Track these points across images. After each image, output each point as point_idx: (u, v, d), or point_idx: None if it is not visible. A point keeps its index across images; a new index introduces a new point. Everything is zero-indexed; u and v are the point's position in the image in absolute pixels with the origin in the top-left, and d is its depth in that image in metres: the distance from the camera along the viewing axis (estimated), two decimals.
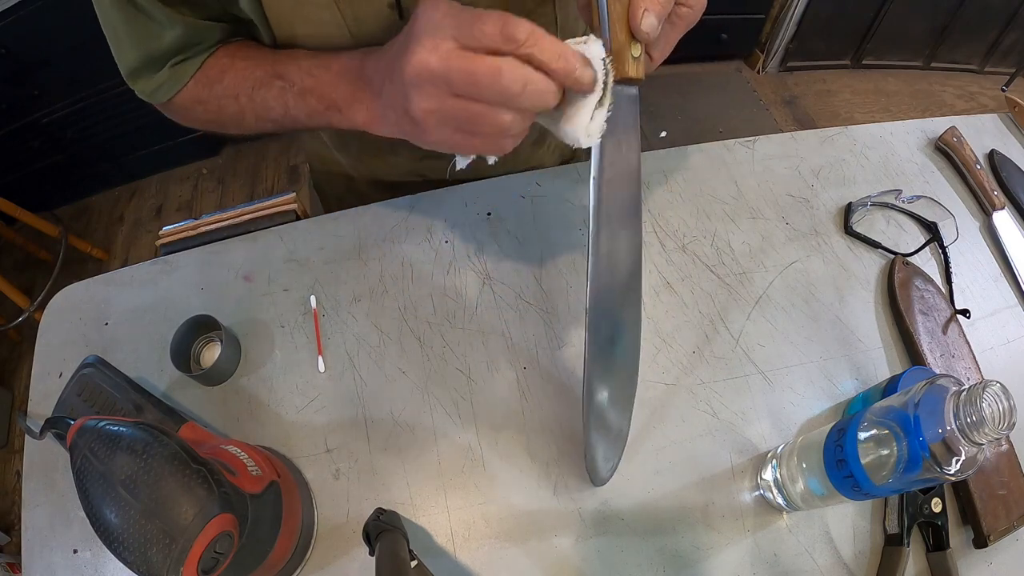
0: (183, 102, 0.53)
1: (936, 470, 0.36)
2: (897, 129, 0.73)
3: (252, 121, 0.51)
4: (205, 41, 0.50)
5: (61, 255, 1.62)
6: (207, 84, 0.51)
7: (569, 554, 0.49)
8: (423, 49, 0.34)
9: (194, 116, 0.54)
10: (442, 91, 0.35)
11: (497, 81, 0.33)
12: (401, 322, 0.58)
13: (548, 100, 0.34)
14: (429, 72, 0.34)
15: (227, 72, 0.50)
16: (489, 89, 0.33)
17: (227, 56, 0.51)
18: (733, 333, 0.58)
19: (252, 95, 0.49)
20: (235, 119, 0.52)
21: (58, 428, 0.40)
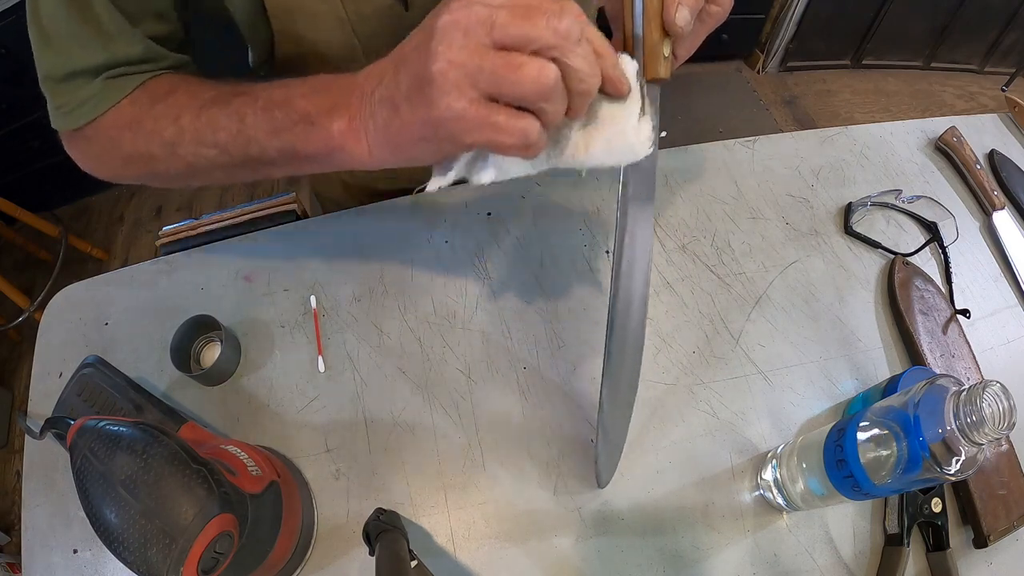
0: (105, 127, 0.45)
1: (936, 470, 0.36)
2: (897, 129, 0.73)
3: (188, 149, 0.42)
4: (155, 62, 0.45)
5: (61, 255, 1.62)
6: (147, 103, 0.44)
7: (569, 554, 0.49)
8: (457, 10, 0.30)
9: (112, 147, 0.46)
10: (475, 48, 0.29)
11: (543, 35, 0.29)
12: (401, 322, 0.58)
13: (593, 84, 0.31)
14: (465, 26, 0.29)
15: (176, 91, 0.43)
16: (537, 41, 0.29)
17: (180, 78, 0.45)
18: (733, 333, 0.58)
19: (199, 113, 0.41)
20: (166, 148, 0.43)
21: (58, 428, 0.40)
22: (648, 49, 0.35)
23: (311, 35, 0.48)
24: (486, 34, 0.29)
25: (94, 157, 0.48)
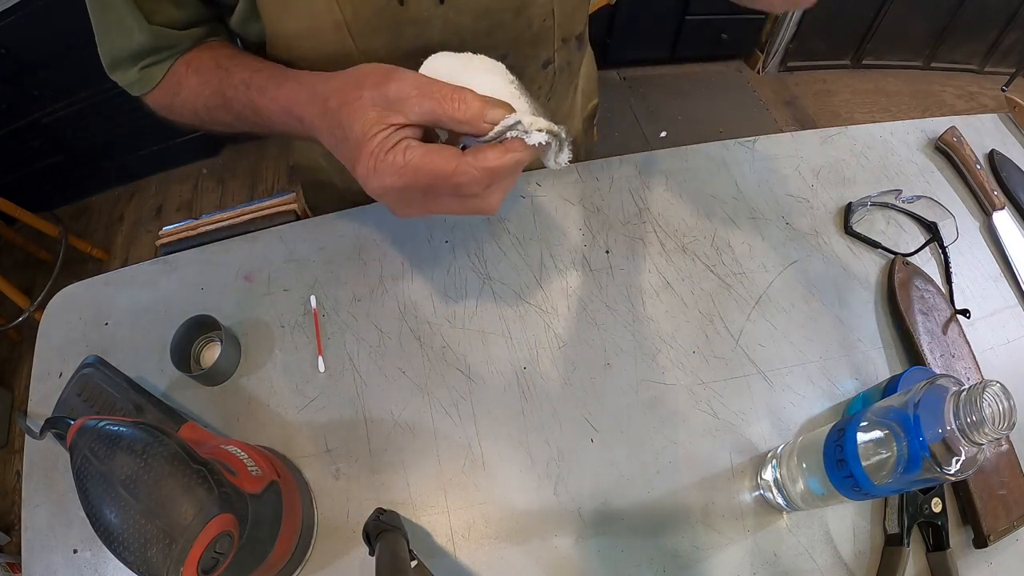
0: (158, 106, 0.54)
1: (936, 470, 0.36)
2: (897, 129, 0.73)
3: (221, 131, 0.53)
4: (172, 48, 0.51)
5: (61, 255, 1.62)
6: (170, 95, 0.52)
7: (569, 554, 0.49)
8: (368, 176, 0.38)
9: (173, 119, 0.55)
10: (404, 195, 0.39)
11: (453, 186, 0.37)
12: (401, 322, 0.58)
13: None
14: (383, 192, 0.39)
15: (182, 85, 0.51)
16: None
17: (184, 65, 0.51)
18: (733, 333, 0.58)
19: (211, 113, 0.50)
20: (206, 127, 0.53)
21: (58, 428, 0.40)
22: None
23: (302, 39, 0.48)
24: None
25: (158, 109, 0.55)
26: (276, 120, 0.45)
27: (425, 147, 0.37)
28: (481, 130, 0.37)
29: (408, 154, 0.36)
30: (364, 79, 0.38)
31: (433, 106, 0.36)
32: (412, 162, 0.36)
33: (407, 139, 0.37)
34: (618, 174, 0.66)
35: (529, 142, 0.37)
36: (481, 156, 0.36)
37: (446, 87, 0.37)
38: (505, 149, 0.37)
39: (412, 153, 0.36)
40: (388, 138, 0.37)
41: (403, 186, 0.37)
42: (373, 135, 0.37)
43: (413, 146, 0.37)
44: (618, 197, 0.64)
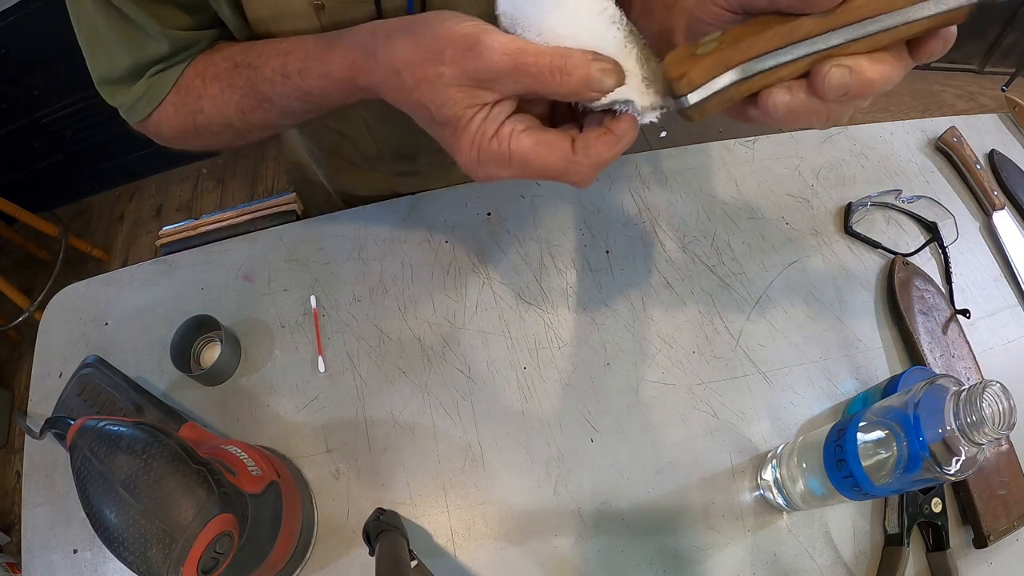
0: (170, 130, 0.49)
1: (936, 470, 0.36)
2: (897, 129, 0.73)
3: (258, 137, 0.49)
4: (189, 49, 0.47)
5: (61, 255, 1.62)
6: (190, 114, 0.47)
7: (569, 554, 0.49)
8: (463, 150, 0.34)
9: (185, 144, 0.51)
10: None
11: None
12: (401, 322, 0.58)
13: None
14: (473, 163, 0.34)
15: (203, 99, 0.46)
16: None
17: (198, 78, 0.47)
18: (733, 333, 0.58)
19: (247, 118, 0.46)
20: (235, 141, 0.49)
21: (58, 428, 0.40)
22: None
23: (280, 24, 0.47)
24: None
25: (168, 140, 0.51)
26: (334, 98, 0.41)
27: (534, 136, 0.33)
28: (590, 99, 0.32)
29: (515, 143, 0.33)
30: (441, 50, 0.32)
31: (531, 83, 0.31)
32: (520, 153, 0.33)
33: (508, 122, 0.33)
34: (618, 174, 0.66)
35: (641, 122, 0.33)
36: (593, 152, 0.32)
37: (543, 57, 0.31)
38: (617, 139, 0.32)
39: (519, 144, 0.33)
40: (487, 121, 0.33)
41: (510, 176, 0.34)
42: (469, 119, 0.33)
43: (519, 134, 0.33)
44: (618, 197, 0.64)
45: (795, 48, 0.28)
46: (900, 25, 0.27)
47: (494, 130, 0.33)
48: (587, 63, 0.30)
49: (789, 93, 0.29)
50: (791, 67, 0.28)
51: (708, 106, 0.30)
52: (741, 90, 0.29)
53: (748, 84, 0.29)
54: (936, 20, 0.27)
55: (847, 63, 0.28)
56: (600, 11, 0.32)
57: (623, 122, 0.32)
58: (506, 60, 0.31)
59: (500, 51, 0.31)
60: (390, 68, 0.35)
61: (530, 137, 0.33)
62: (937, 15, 0.27)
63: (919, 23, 0.27)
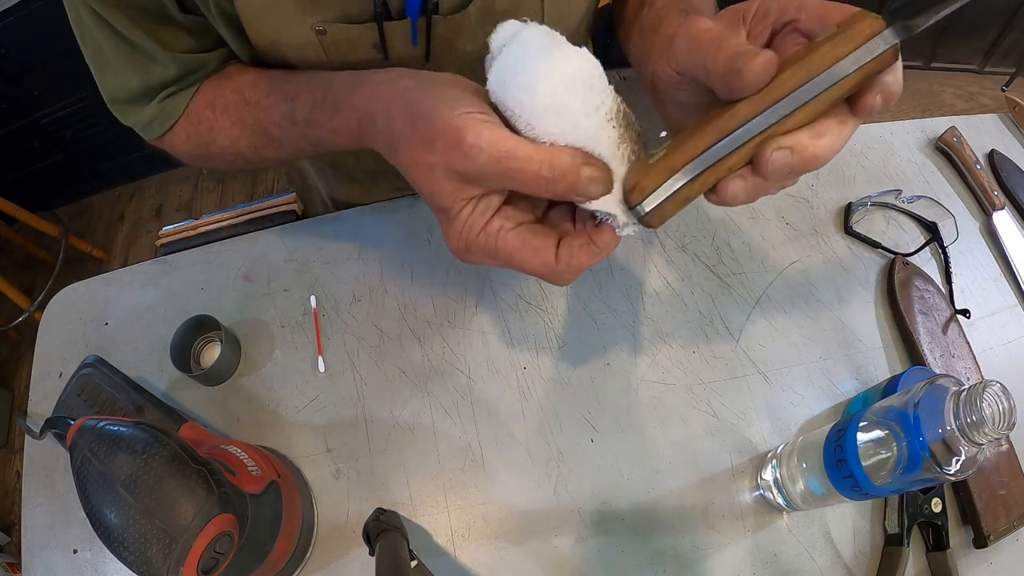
0: (183, 152, 0.50)
1: (936, 470, 0.36)
2: (897, 129, 0.73)
3: (276, 163, 0.51)
4: (199, 71, 0.47)
5: (61, 255, 1.62)
6: (203, 143, 0.48)
7: (569, 554, 0.49)
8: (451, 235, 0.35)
9: (201, 164, 0.52)
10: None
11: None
12: (401, 322, 0.58)
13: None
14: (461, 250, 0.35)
15: (215, 131, 0.47)
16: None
17: (209, 108, 0.47)
18: (733, 333, 0.58)
19: (259, 153, 0.47)
20: (248, 168, 0.51)
21: (58, 428, 0.40)
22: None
23: (295, 63, 0.47)
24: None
25: (184, 160, 0.52)
26: (345, 146, 0.42)
27: (521, 237, 0.33)
28: (574, 202, 0.32)
29: (501, 241, 0.33)
30: (433, 140, 0.32)
31: (516, 185, 0.31)
32: (506, 252, 0.33)
33: (496, 217, 0.33)
34: None
35: (620, 234, 0.33)
36: (575, 261, 0.33)
37: (530, 164, 0.29)
38: (598, 251, 0.33)
39: (506, 242, 0.33)
40: (474, 215, 0.33)
41: (496, 266, 0.35)
42: (458, 211, 0.33)
43: (506, 232, 0.33)
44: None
45: (733, 139, 0.28)
46: (830, 87, 0.27)
47: (482, 225, 0.33)
48: (576, 169, 0.30)
49: (743, 180, 0.29)
50: (735, 157, 0.29)
51: (665, 210, 0.30)
52: (694, 189, 0.29)
53: (699, 182, 0.29)
54: (864, 71, 0.27)
55: (787, 143, 0.28)
56: (595, 107, 0.30)
57: (604, 235, 0.33)
58: (492, 163, 0.30)
59: (487, 152, 0.30)
60: (388, 143, 0.36)
61: (517, 237, 0.33)
62: (862, 66, 0.27)
63: (848, 79, 0.27)
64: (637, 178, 0.30)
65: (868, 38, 0.26)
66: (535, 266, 0.33)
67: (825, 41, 0.27)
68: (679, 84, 0.34)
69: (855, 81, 0.27)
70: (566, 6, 0.49)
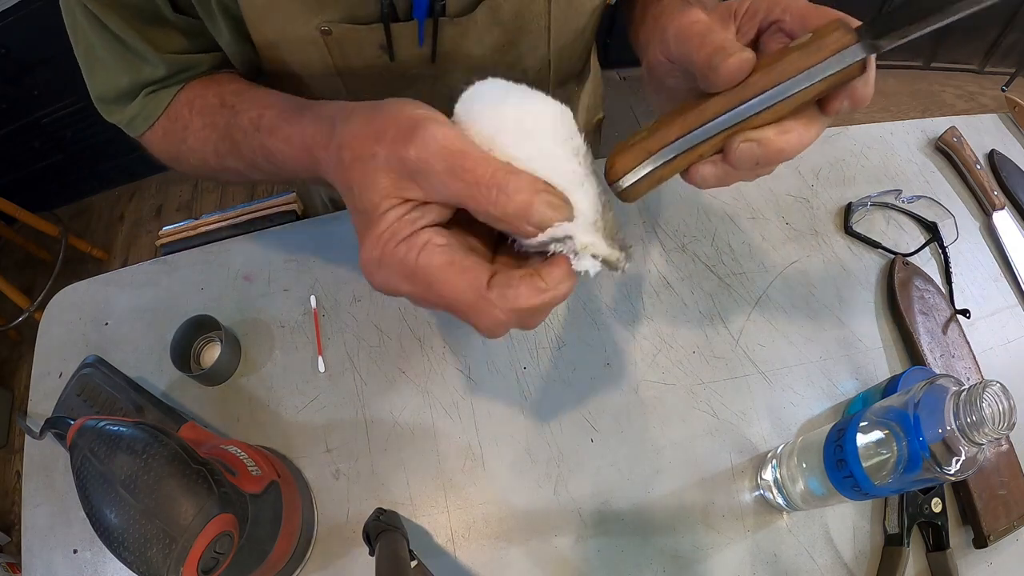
0: (158, 152, 0.49)
1: (936, 470, 0.36)
2: (897, 129, 0.73)
3: (233, 182, 0.50)
4: (188, 71, 0.47)
5: (61, 255, 1.62)
6: (176, 141, 0.47)
7: (569, 554, 0.49)
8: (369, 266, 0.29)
9: (175, 167, 0.51)
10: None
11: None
12: (401, 322, 0.58)
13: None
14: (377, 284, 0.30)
15: (188, 131, 0.46)
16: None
17: (187, 107, 0.46)
18: (733, 333, 0.58)
19: (221, 161, 0.45)
20: (214, 178, 0.50)
21: (58, 428, 0.40)
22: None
23: (298, 71, 0.47)
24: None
25: (160, 160, 0.51)
26: (291, 165, 0.38)
27: (448, 255, 0.28)
28: (524, 233, 0.27)
29: (423, 258, 0.27)
30: (384, 130, 0.29)
31: (462, 191, 0.27)
32: (426, 270, 0.27)
33: (427, 230, 0.28)
34: None
35: (576, 267, 0.28)
36: (511, 294, 0.27)
37: (483, 167, 0.26)
38: (543, 288, 0.27)
39: (429, 258, 0.27)
40: (402, 220, 0.28)
41: (411, 293, 0.29)
42: (383, 212, 0.28)
43: (433, 247, 0.28)
44: None
45: (704, 130, 0.30)
46: (796, 92, 0.29)
47: (407, 233, 0.28)
48: (534, 190, 0.26)
49: (714, 166, 0.31)
50: (706, 146, 0.30)
51: (639, 188, 0.31)
52: (667, 171, 0.31)
53: (672, 165, 0.31)
54: (830, 81, 0.28)
55: (755, 136, 0.29)
56: (565, 139, 0.29)
57: (556, 268, 0.28)
58: (441, 156, 0.27)
59: (440, 143, 0.27)
60: (337, 144, 0.31)
61: (444, 255, 0.27)
62: (828, 76, 0.28)
63: (814, 87, 0.29)
64: (615, 159, 0.32)
65: (836, 51, 0.28)
66: (459, 291, 0.27)
67: (797, 48, 0.29)
68: (670, 71, 0.35)
69: (821, 89, 0.29)
70: (572, 8, 0.50)
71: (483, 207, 0.27)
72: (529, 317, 0.28)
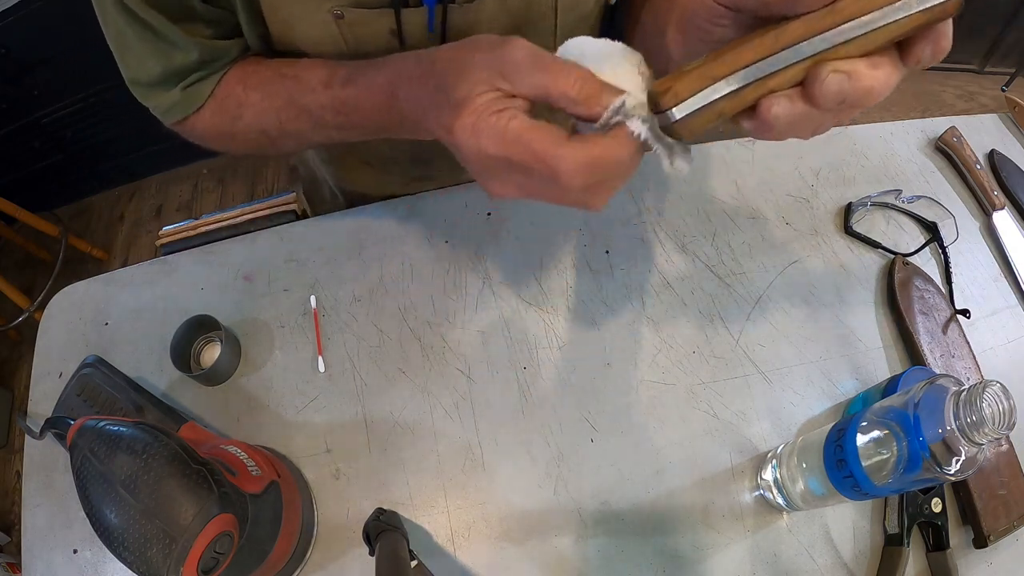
0: (204, 132, 0.50)
1: (936, 470, 0.36)
2: (897, 129, 0.73)
3: (289, 149, 0.51)
4: (221, 59, 0.48)
5: (61, 255, 1.62)
6: (228, 119, 0.49)
7: (569, 554, 0.49)
8: (469, 138, 0.34)
9: (219, 146, 0.52)
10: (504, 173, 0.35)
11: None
12: (401, 322, 0.58)
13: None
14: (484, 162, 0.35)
15: (244, 107, 0.48)
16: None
17: (240, 85, 0.48)
18: (733, 333, 0.58)
19: (283, 128, 0.47)
20: (265, 150, 0.51)
21: (58, 428, 0.40)
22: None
23: (309, 50, 0.48)
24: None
25: (203, 142, 0.52)
26: (368, 112, 0.42)
27: (532, 121, 0.33)
28: (595, 113, 0.32)
29: (514, 123, 0.32)
30: (479, 43, 0.35)
31: (547, 80, 0.32)
32: (514, 130, 0.32)
33: (517, 110, 0.33)
34: None
35: (629, 127, 0.31)
36: (589, 143, 0.32)
37: (564, 64, 0.33)
38: (613, 140, 0.32)
39: (516, 123, 0.32)
40: (495, 100, 0.33)
41: (500, 155, 0.33)
42: (480, 93, 0.33)
43: (520, 116, 0.33)
44: (618, 197, 0.64)
45: (783, 56, 0.26)
46: (891, 23, 0.25)
47: (499, 108, 0.33)
48: (603, 84, 0.32)
49: (790, 102, 0.27)
50: (781, 76, 0.27)
51: (696, 122, 0.28)
52: (732, 103, 0.28)
53: (738, 97, 0.28)
54: (927, 15, 0.25)
55: (844, 68, 0.26)
56: (633, 63, 0.34)
57: (620, 131, 0.32)
58: (530, 56, 0.33)
59: (528, 48, 0.34)
60: (430, 60, 0.37)
61: (528, 120, 0.33)
62: (926, 9, 0.25)
63: (910, 19, 0.25)
64: (671, 82, 0.28)
65: None
66: (545, 141, 0.32)
67: None
68: (719, 17, 0.32)
69: (918, 22, 0.25)
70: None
71: (563, 90, 0.32)
72: (603, 169, 0.32)
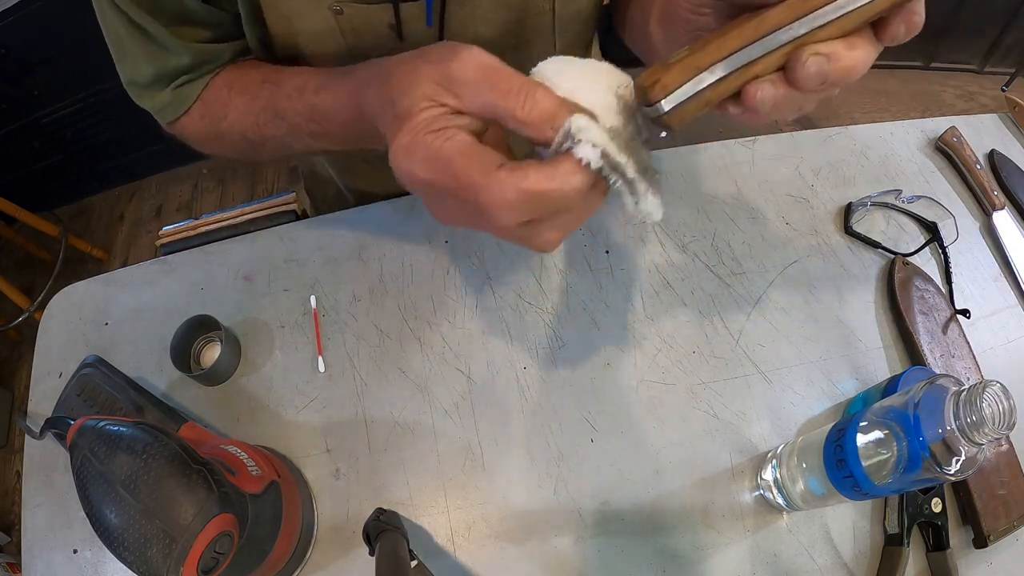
0: (194, 135, 0.51)
1: (936, 470, 0.36)
2: (897, 129, 0.73)
3: (271, 155, 0.51)
4: (212, 62, 0.48)
5: (61, 255, 1.62)
6: (212, 120, 0.49)
7: (569, 554, 0.49)
8: (402, 158, 0.31)
9: (209, 150, 0.52)
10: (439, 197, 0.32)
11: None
12: (401, 322, 0.58)
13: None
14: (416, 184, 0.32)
15: (228, 109, 0.48)
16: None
17: (227, 88, 0.48)
18: (733, 333, 0.58)
19: (262, 133, 0.47)
20: (251, 155, 0.51)
21: (58, 428, 0.40)
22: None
23: (311, 52, 0.48)
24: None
25: (193, 144, 0.53)
26: (338, 117, 0.41)
27: (469, 144, 0.30)
28: (545, 136, 0.29)
29: (447, 144, 0.30)
30: (429, 53, 0.33)
31: (495, 98, 0.30)
32: (445, 153, 0.30)
33: (456, 128, 0.31)
34: None
35: (576, 154, 0.28)
36: (520, 173, 0.28)
37: (517, 80, 0.30)
38: (553, 173, 0.28)
39: (450, 144, 0.30)
40: (437, 118, 0.31)
41: (430, 180, 0.30)
42: (421, 110, 0.31)
43: (458, 136, 0.30)
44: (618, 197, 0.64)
45: (765, 42, 0.27)
46: (865, 5, 0.26)
47: (438, 127, 0.31)
48: (559, 101, 0.29)
49: (774, 86, 0.28)
50: (764, 62, 0.28)
51: (685, 111, 0.29)
52: (718, 91, 0.29)
53: (724, 85, 0.28)
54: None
55: (824, 51, 0.27)
56: (608, 87, 0.31)
57: (565, 159, 0.29)
58: (479, 69, 0.30)
59: (479, 60, 0.31)
60: (387, 71, 0.35)
61: (466, 144, 0.30)
62: None
63: (884, 0, 0.27)
64: (658, 74, 0.28)
65: None
66: (472, 168, 0.29)
67: None
68: (700, 6, 0.33)
69: (890, 2, 0.27)
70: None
71: (511, 111, 0.29)
72: (542, 205, 0.29)
